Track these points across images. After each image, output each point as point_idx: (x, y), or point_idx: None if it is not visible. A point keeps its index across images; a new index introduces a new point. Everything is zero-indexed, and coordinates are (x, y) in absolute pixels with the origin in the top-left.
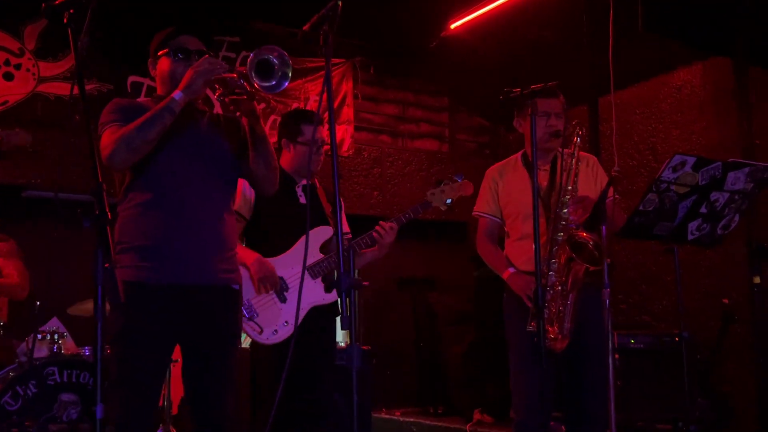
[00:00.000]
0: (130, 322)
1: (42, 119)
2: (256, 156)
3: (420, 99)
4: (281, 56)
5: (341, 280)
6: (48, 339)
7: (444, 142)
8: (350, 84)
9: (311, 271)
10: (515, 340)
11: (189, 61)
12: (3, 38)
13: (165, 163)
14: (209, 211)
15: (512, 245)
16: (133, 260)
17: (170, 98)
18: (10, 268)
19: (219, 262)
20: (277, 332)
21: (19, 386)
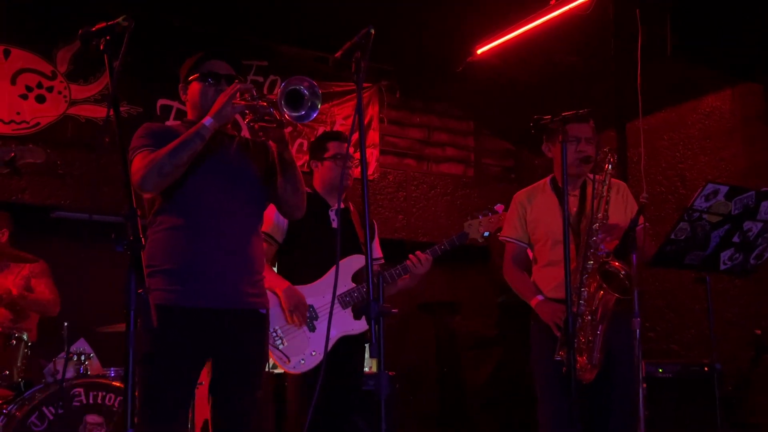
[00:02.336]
0: (157, 345)
1: (73, 141)
2: (285, 181)
3: (445, 123)
4: (311, 87)
5: (370, 307)
6: (75, 360)
7: (469, 166)
8: (376, 108)
9: (341, 301)
10: (542, 368)
11: (219, 85)
12: (36, 61)
13: (195, 188)
14: (238, 236)
15: (540, 271)
16: (161, 283)
17: (201, 124)
18: (41, 286)
19: (247, 286)
20: (304, 362)
21: (46, 407)
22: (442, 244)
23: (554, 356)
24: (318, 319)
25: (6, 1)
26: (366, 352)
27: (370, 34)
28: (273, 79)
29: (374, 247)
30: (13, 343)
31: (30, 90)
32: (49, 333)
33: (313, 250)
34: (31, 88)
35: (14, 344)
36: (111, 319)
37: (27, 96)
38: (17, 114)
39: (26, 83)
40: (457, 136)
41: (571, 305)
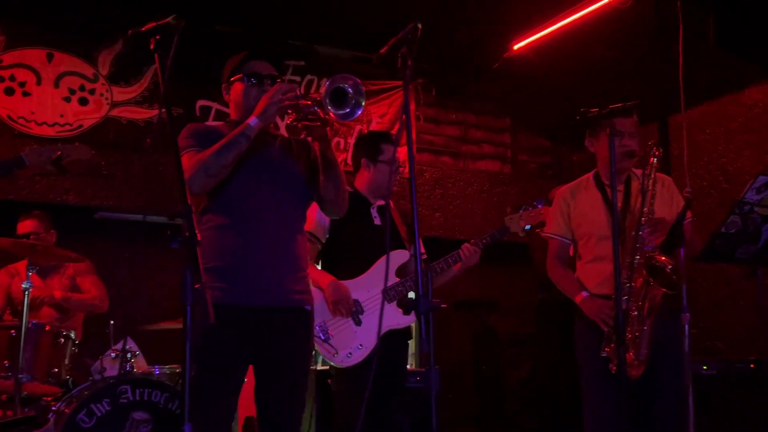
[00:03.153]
0: (205, 342)
1: (115, 142)
2: (327, 180)
3: (481, 120)
4: (356, 85)
5: (420, 302)
6: (121, 358)
7: (506, 163)
8: (412, 106)
9: (387, 295)
10: (588, 365)
11: (262, 85)
12: (78, 64)
13: (239, 187)
14: (282, 234)
15: (584, 267)
16: (207, 281)
17: (246, 124)
18: (87, 284)
19: (292, 283)
20: (351, 355)
21: (94, 404)
22: (484, 238)
23: (600, 352)
24: (363, 313)
25: (48, 5)
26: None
27: (417, 29)
28: (310, 79)
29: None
30: (61, 342)
31: (73, 93)
32: (95, 332)
33: (356, 246)
34: (73, 91)
35: (62, 342)
36: (156, 317)
37: (70, 99)
38: (61, 116)
39: (69, 86)
40: (493, 133)
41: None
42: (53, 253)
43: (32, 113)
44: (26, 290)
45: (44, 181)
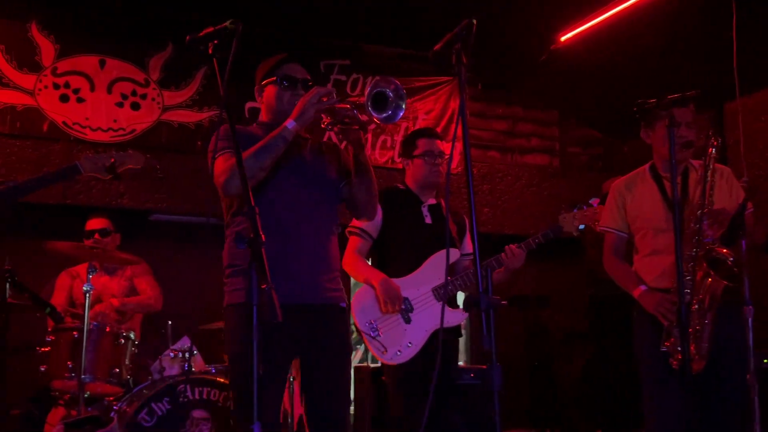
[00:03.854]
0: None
1: (167, 146)
2: (360, 183)
3: (529, 113)
4: (397, 89)
5: (481, 299)
6: (179, 357)
7: (555, 156)
8: (458, 101)
9: (436, 293)
10: (648, 360)
11: (295, 89)
12: (130, 70)
13: (273, 188)
14: (315, 234)
15: (641, 261)
16: (243, 283)
17: (283, 127)
18: (143, 284)
19: (326, 282)
20: (400, 353)
21: (154, 403)
22: (536, 238)
23: (660, 347)
24: (413, 311)
25: (99, 13)
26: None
27: (472, 25)
28: (355, 78)
29: (466, 242)
30: (121, 342)
31: (125, 98)
32: (153, 332)
33: (407, 244)
34: (126, 96)
35: (122, 343)
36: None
37: (123, 104)
38: (114, 121)
39: (121, 91)
40: (541, 126)
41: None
42: (112, 256)
43: (87, 119)
44: (87, 292)
45: (100, 185)
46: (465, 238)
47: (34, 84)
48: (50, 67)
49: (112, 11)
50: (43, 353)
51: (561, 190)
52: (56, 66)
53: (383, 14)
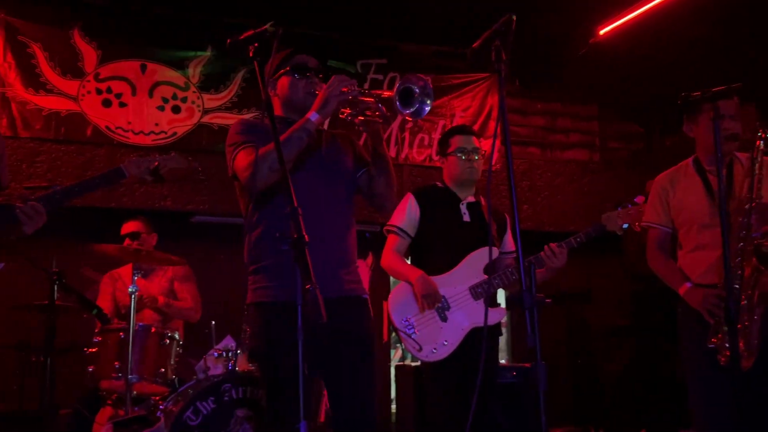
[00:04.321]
0: (272, 342)
1: (207, 148)
2: (378, 174)
3: (568, 108)
4: (425, 86)
5: (524, 297)
6: (223, 357)
7: (595, 151)
8: (496, 97)
9: (473, 292)
10: (695, 357)
11: (309, 79)
12: (170, 74)
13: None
14: (335, 228)
15: (686, 257)
16: (263, 281)
17: (306, 119)
18: (185, 292)
19: (346, 275)
20: (436, 351)
21: (200, 402)
22: (578, 237)
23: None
24: (449, 310)
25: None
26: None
27: (511, 21)
28: (392, 76)
29: (507, 240)
30: (167, 342)
31: (166, 101)
32: (197, 332)
33: (445, 242)
34: (167, 100)
35: (167, 343)
36: None
37: (164, 108)
38: (156, 125)
39: (162, 95)
40: (581, 121)
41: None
42: (155, 257)
43: (129, 123)
44: (132, 294)
45: (143, 189)
46: (505, 236)
47: (78, 90)
48: (93, 73)
49: (152, 16)
50: (91, 354)
51: (602, 185)
52: (98, 71)
53: (419, 12)
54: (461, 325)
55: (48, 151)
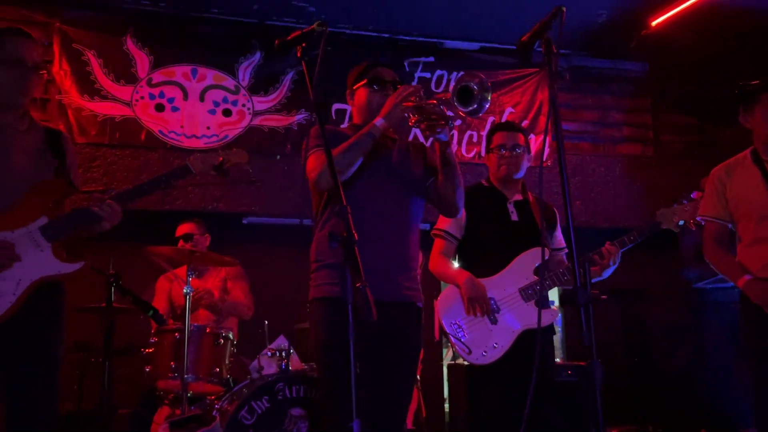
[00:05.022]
0: (329, 337)
1: (258, 150)
2: (446, 179)
3: (620, 102)
4: (481, 83)
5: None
6: (277, 356)
7: (648, 145)
8: (545, 93)
9: (523, 294)
10: (756, 353)
11: (385, 91)
12: (221, 78)
13: (360, 186)
14: (398, 234)
15: (745, 250)
16: (328, 277)
17: (372, 125)
18: (237, 290)
19: (405, 280)
20: (486, 354)
21: (254, 401)
22: (632, 235)
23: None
24: (499, 312)
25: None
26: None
27: (562, 13)
28: (440, 74)
29: (557, 236)
30: (221, 342)
31: (217, 105)
32: (250, 332)
33: (493, 243)
34: (217, 103)
35: (222, 343)
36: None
37: (215, 111)
38: (207, 128)
39: (213, 99)
40: (633, 115)
41: None
42: (209, 258)
43: (182, 127)
44: (187, 294)
45: (197, 191)
46: (555, 232)
47: (131, 95)
48: (145, 78)
49: (202, 21)
50: (148, 354)
51: (656, 180)
52: (151, 77)
53: (464, 9)
54: (512, 327)
55: (103, 156)
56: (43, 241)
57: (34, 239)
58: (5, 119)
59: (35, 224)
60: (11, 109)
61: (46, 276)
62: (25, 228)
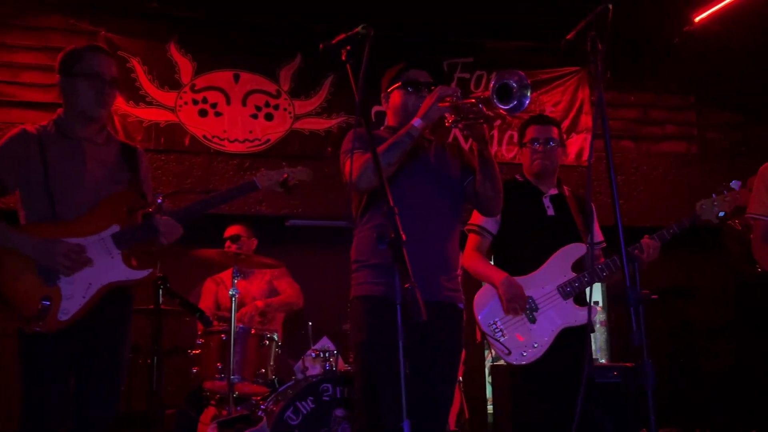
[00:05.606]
0: (370, 336)
1: (299, 153)
2: (484, 178)
3: (662, 99)
4: (521, 80)
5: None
6: (321, 357)
7: (692, 143)
8: (586, 91)
9: (562, 291)
10: None
11: (420, 93)
12: (262, 82)
13: (399, 187)
14: (439, 233)
15: None
16: (368, 277)
17: (410, 125)
18: (283, 285)
19: (446, 281)
20: (525, 354)
21: (299, 402)
22: (671, 228)
23: None
24: (538, 311)
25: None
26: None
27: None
28: (479, 74)
29: (594, 231)
30: (266, 343)
31: (259, 109)
32: (294, 333)
33: (529, 239)
34: (260, 108)
35: (267, 344)
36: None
37: (257, 115)
38: (250, 132)
39: (255, 103)
40: (676, 112)
41: None
42: (254, 261)
43: (224, 131)
44: (233, 296)
45: None
46: (592, 227)
47: (175, 101)
48: (189, 84)
49: (242, 27)
50: (195, 355)
51: (700, 178)
52: (194, 82)
53: (503, 9)
54: (551, 326)
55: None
56: (114, 249)
57: (105, 246)
58: (85, 133)
59: (107, 232)
60: (90, 121)
61: (114, 281)
62: (97, 235)
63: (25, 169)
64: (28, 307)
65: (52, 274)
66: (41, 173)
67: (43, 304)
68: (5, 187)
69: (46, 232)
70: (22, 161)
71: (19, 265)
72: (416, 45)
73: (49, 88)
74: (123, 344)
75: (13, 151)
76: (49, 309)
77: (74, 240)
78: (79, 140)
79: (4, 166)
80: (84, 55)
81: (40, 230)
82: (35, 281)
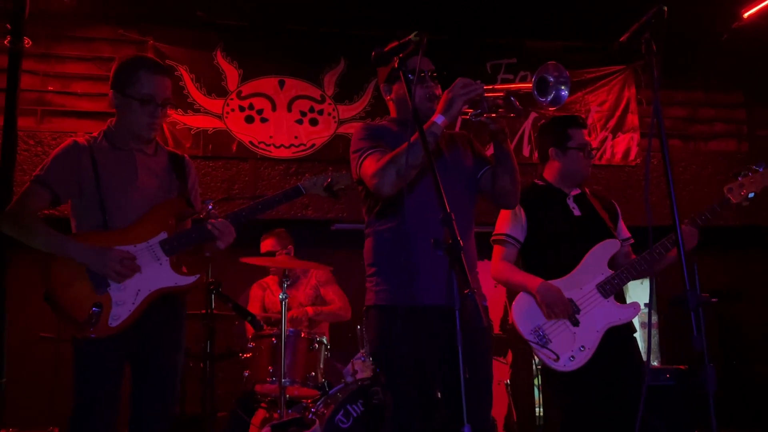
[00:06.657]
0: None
1: (343, 158)
2: (503, 171)
3: (711, 97)
4: (560, 74)
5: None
6: (370, 361)
7: (743, 141)
8: (633, 90)
9: (602, 290)
10: None
11: (425, 82)
12: (307, 88)
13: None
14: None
15: None
16: (385, 283)
17: (432, 122)
18: (331, 294)
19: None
20: (574, 358)
21: (350, 405)
22: (703, 214)
23: None
24: (580, 313)
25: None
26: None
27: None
28: (523, 75)
29: (621, 228)
30: (315, 347)
31: (304, 114)
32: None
33: (561, 242)
34: (304, 113)
35: (316, 348)
36: None
37: (302, 121)
38: (295, 138)
39: (300, 109)
40: (725, 110)
41: None
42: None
43: (270, 137)
44: (283, 301)
45: None
46: (619, 224)
47: (222, 108)
48: (235, 91)
49: (287, 33)
50: (246, 359)
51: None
52: (240, 89)
53: (546, 8)
54: (596, 327)
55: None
56: (162, 255)
57: (153, 253)
58: (135, 145)
59: (155, 239)
60: (140, 140)
61: (163, 288)
62: (146, 242)
63: (77, 180)
64: (80, 313)
65: (103, 281)
66: (93, 184)
67: (93, 310)
68: (58, 198)
69: (97, 240)
70: (75, 173)
71: (72, 273)
72: (459, 46)
73: (99, 98)
74: (177, 349)
75: (65, 163)
76: (100, 315)
77: (124, 248)
78: (129, 151)
79: (57, 179)
80: (140, 77)
81: (91, 238)
82: (87, 288)
